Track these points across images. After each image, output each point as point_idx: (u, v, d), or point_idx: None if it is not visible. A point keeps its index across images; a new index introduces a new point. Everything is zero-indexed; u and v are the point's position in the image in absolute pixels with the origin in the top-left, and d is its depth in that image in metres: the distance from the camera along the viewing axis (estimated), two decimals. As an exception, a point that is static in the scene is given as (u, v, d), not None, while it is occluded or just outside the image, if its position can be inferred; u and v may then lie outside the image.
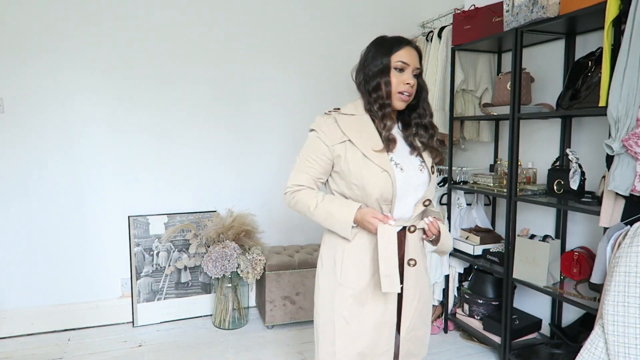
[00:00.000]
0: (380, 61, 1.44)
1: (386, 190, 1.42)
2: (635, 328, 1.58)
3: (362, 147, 1.43)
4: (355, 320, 1.48)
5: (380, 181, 1.41)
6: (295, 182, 1.51)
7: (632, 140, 1.68)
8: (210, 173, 3.15)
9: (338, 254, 1.50)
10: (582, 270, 2.18)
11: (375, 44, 1.49)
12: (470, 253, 2.72)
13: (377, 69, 1.44)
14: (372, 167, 1.42)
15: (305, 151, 1.51)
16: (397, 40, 1.45)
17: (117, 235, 2.96)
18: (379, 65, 1.44)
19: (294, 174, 1.53)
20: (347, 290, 1.48)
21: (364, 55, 1.52)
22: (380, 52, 1.45)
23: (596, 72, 2.02)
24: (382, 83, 1.44)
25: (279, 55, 3.21)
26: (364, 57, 1.52)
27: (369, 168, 1.42)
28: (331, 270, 1.52)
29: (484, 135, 2.97)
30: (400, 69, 1.44)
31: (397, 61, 1.43)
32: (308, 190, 1.50)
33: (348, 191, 1.48)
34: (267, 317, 2.89)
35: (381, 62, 1.44)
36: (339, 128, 1.46)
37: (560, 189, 2.23)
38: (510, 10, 2.26)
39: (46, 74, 2.74)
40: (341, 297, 1.49)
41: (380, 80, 1.44)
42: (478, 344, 2.72)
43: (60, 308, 2.87)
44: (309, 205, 1.47)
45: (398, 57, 1.43)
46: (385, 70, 1.44)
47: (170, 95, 3.00)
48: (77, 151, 2.84)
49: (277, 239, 3.31)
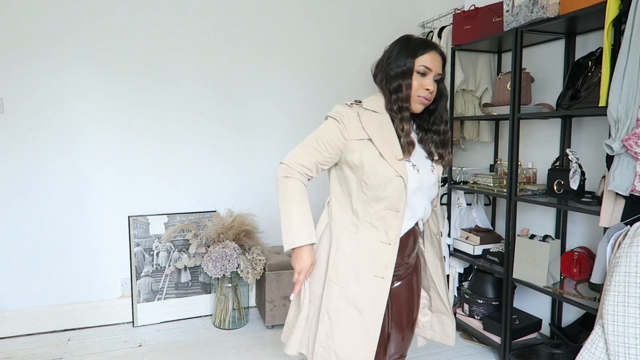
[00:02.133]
0: (404, 62, 1.43)
1: (397, 196, 1.41)
2: (635, 328, 1.58)
3: (381, 148, 1.42)
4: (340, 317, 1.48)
5: (394, 187, 1.41)
6: (298, 161, 1.47)
7: (632, 140, 1.68)
8: (210, 173, 3.15)
9: (332, 251, 1.50)
10: (582, 270, 2.18)
11: (400, 43, 1.47)
12: (470, 253, 2.72)
13: (399, 70, 1.43)
14: (387, 170, 1.40)
15: (320, 135, 1.46)
16: (424, 44, 1.44)
17: (117, 235, 2.96)
18: (402, 66, 1.43)
19: (301, 151, 1.48)
20: (334, 286, 1.48)
21: (388, 52, 1.49)
22: (404, 53, 1.43)
23: (596, 72, 2.02)
24: (403, 85, 1.43)
25: (279, 55, 3.22)
26: (387, 54, 1.49)
27: (384, 169, 1.40)
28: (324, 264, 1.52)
29: (484, 135, 2.97)
30: (422, 73, 1.43)
31: (420, 65, 1.42)
32: (300, 182, 1.48)
33: (356, 188, 1.45)
34: (267, 317, 2.89)
35: (404, 64, 1.42)
36: (361, 124, 1.44)
37: (560, 189, 2.23)
38: (510, 10, 2.26)
39: (46, 74, 2.74)
40: (328, 292, 1.49)
41: (402, 82, 1.43)
42: (478, 344, 2.72)
43: (60, 308, 2.87)
44: (286, 196, 1.47)
45: (422, 61, 1.42)
46: (407, 73, 1.42)
47: (170, 95, 3.00)
48: (77, 151, 2.84)
49: (277, 239, 3.31)
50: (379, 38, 3.44)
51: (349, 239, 1.47)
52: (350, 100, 1.53)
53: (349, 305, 1.46)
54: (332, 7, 3.31)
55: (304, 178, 1.49)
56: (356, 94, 3.45)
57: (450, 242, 2.87)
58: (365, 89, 3.41)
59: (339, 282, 1.47)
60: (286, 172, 1.47)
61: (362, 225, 1.46)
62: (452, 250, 2.86)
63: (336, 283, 1.47)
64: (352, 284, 1.46)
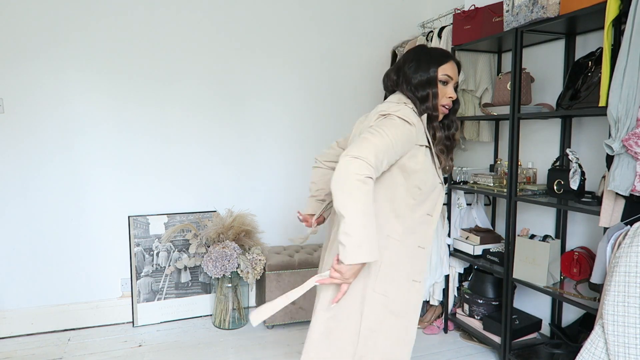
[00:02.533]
0: (429, 71, 1.45)
1: (436, 202, 1.48)
2: (635, 328, 1.58)
3: (433, 154, 1.45)
4: (384, 327, 1.44)
5: (436, 193, 1.47)
6: (375, 161, 1.25)
7: (632, 140, 1.68)
8: (211, 173, 3.15)
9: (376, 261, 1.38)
10: (582, 270, 2.18)
11: (420, 52, 1.49)
12: (470, 253, 2.72)
13: (424, 78, 1.45)
14: (435, 177, 1.45)
15: (397, 136, 1.32)
16: (444, 54, 1.48)
17: (117, 235, 2.96)
18: (426, 75, 1.45)
19: (375, 149, 1.26)
20: (378, 297, 1.41)
21: (408, 60, 1.49)
22: (427, 61, 1.45)
23: (596, 72, 2.02)
24: (430, 94, 1.44)
25: (279, 55, 3.22)
26: (407, 62, 1.49)
27: (433, 176, 1.44)
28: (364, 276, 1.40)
29: (484, 135, 2.97)
30: (444, 82, 1.46)
31: (443, 74, 1.45)
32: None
33: (403, 194, 1.41)
34: (267, 317, 2.88)
35: (429, 73, 1.45)
36: (423, 129, 1.44)
37: (560, 189, 2.23)
38: (510, 10, 2.26)
39: (46, 74, 2.74)
40: (371, 303, 1.41)
41: (429, 91, 1.44)
42: (478, 344, 2.72)
43: (60, 308, 2.87)
44: (368, 201, 1.24)
45: (444, 70, 1.45)
46: (432, 82, 1.45)
47: (171, 95, 3.00)
48: (77, 151, 2.84)
49: (277, 239, 3.31)
50: (379, 38, 3.44)
51: (392, 246, 1.42)
52: (350, 100, 1.53)
53: (392, 314, 1.44)
54: (332, 7, 3.31)
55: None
56: (356, 94, 3.46)
57: (450, 242, 2.87)
58: (365, 89, 3.42)
59: (383, 292, 1.42)
60: (367, 171, 1.24)
61: (405, 232, 1.43)
62: (452, 250, 2.86)
63: (380, 293, 1.42)
64: (395, 292, 1.44)
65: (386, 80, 1.55)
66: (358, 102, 3.36)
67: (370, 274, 1.39)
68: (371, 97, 3.39)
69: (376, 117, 1.38)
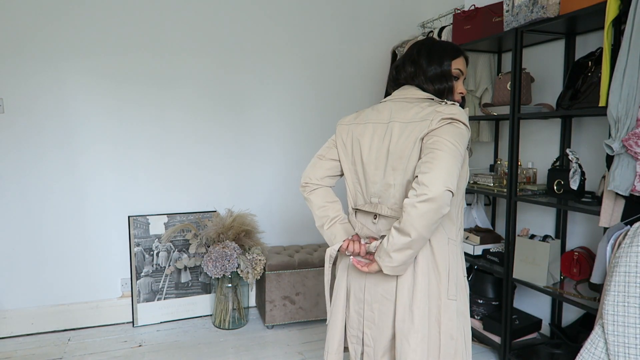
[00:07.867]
0: (444, 63, 1.39)
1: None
2: (635, 328, 1.58)
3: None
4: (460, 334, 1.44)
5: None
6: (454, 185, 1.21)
7: (632, 140, 1.68)
8: (210, 173, 3.15)
9: (448, 267, 1.38)
10: (582, 270, 2.18)
11: (432, 44, 1.42)
12: (470, 253, 2.72)
13: (439, 71, 1.39)
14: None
15: (463, 149, 1.27)
16: (456, 48, 1.43)
17: (117, 235, 2.96)
18: (442, 67, 1.39)
19: (455, 171, 1.21)
20: (452, 303, 1.38)
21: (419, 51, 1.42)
22: (441, 54, 1.40)
23: (596, 72, 2.02)
24: (447, 88, 1.40)
25: (279, 56, 3.21)
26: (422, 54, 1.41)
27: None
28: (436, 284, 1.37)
29: (484, 135, 2.97)
30: (456, 77, 1.42)
31: (456, 68, 1.41)
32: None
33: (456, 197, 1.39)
34: (267, 317, 2.89)
35: (444, 66, 1.39)
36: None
37: (560, 189, 2.23)
38: (510, 10, 2.26)
39: (46, 74, 2.74)
40: (447, 311, 1.37)
41: (446, 85, 1.40)
42: (478, 344, 2.72)
43: (60, 308, 2.87)
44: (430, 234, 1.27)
45: (457, 64, 1.41)
46: (448, 75, 1.39)
47: (171, 96, 3.00)
48: (77, 151, 2.84)
49: (277, 239, 3.31)
50: (379, 38, 3.44)
51: (453, 248, 1.39)
52: (351, 100, 1.50)
53: (462, 316, 1.43)
54: (331, 8, 3.31)
55: None
56: (356, 95, 3.46)
57: (450, 242, 2.86)
58: (365, 90, 3.42)
59: (453, 296, 1.38)
60: (449, 202, 1.22)
61: (458, 231, 1.42)
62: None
63: (452, 299, 1.38)
64: (460, 293, 1.42)
65: (399, 73, 1.44)
66: (358, 102, 3.36)
67: (441, 281, 1.36)
68: (371, 97, 3.39)
69: (439, 120, 1.26)
